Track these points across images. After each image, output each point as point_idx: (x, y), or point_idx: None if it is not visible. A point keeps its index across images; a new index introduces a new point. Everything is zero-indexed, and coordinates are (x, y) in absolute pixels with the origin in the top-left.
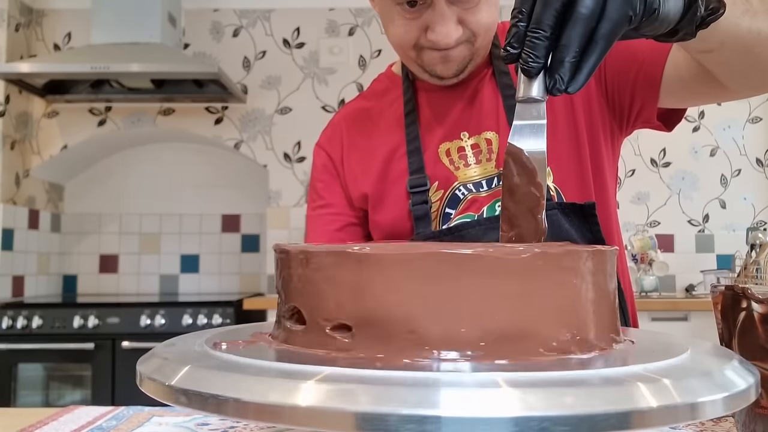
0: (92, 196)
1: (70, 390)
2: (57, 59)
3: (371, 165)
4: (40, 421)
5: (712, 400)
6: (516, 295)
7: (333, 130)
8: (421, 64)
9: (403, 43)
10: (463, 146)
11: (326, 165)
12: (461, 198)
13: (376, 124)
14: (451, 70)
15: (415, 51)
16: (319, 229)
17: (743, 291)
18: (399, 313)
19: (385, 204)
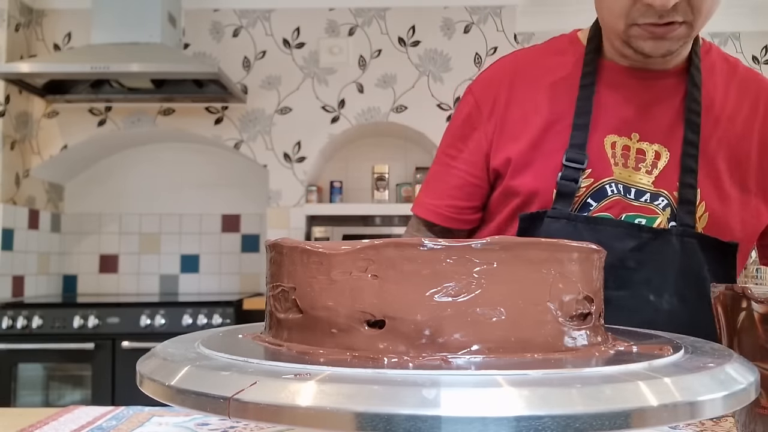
0: (92, 196)
1: (70, 390)
2: (57, 59)
3: (529, 126)
4: (40, 421)
5: (712, 399)
6: (515, 294)
7: (493, 76)
8: (628, 40)
9: (614, 10)
10: (629, 146)
11: (471, 114)
12: (608, 194)
13: (545, 83)
14: (662, 49)
15: (625, 21)
16: (441, 178)
17: (743, 291)
18: (399, 313)
19: (530, 172)
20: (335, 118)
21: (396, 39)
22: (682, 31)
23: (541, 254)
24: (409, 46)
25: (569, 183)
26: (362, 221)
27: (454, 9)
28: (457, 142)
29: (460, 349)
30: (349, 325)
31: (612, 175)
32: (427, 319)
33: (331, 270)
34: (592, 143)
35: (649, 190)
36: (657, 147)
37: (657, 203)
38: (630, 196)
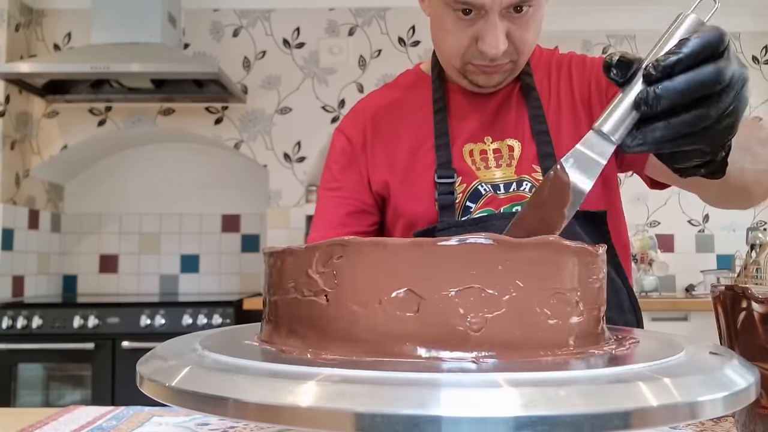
0: (92, 196)
1: (70, 390)
2: (57, 59)
3: (396, 154)
4: (40, 421)
5: (712, 399)
6: (512, 292)
7: (356, 115)
8: (464, 73)
9: (452, 50)
10: (485, 149)
11: (345, 149)
12: (482, 194)
13: (403, 115)
14: (492, 81)
15: (461, 61)
16: (329, 211)
17: (743, 291)
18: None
19: (409, 194)
20: (335, 118)
21: (396, 39)
22: (508, 67)
23: (540, 254)
24: (409, 46)
25: (447, 196)
26: None
27: None
28: (337, 176)
29: (460, 349)
30: (349, 325)
31: (477, 178)
32: (480, 320)
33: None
34: (454, 157)
35: (513, 179)
36: (509, 141)
37: (523, 188)
38: (500, 192)
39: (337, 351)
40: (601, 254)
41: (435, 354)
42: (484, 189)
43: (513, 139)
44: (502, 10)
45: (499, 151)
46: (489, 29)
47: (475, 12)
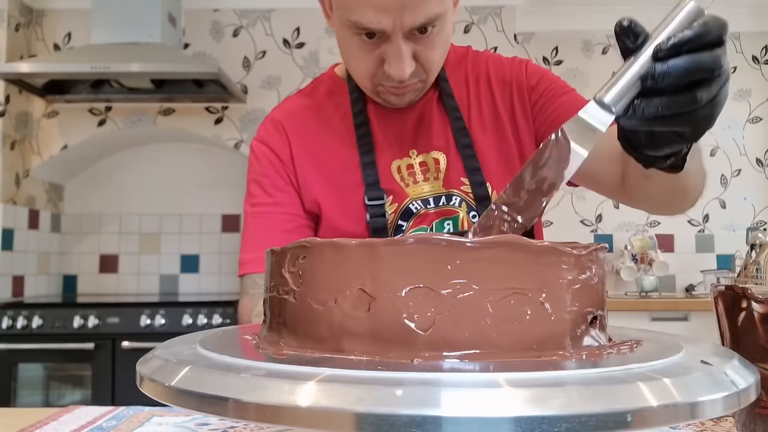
0: (92, 196)
1: (70, 390)
2: (57, 59)
3: (324, 172)
4: (40, 421)
5: (712, 399)
6: (513, 292)
7: (275, 127)
8: (376, 94)
9: (360, 73)
10: (412, 164)
11: (273, 162)
12: (414, 212)
13: (325, 127)
14: (404, 101)
15: (371, 83)
16: (266, 228)
17: (743, 291)
18: (398, 313)
19: (341, 213)
20: None
21: None
22: (418, 86)
23: (542, 255)
24: None
25: (378, 219)
26: None
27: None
28: (269, 190)
29: (461, 349)
30: (348, 326)
31: (408, 196)
32: (428, 319)
33: (329, 270)
34: (382, 174)
35: (441, 192)
36: (434, 154)
37: (452, 203)
38: (430, 206)
39: (299, 347)
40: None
41: (435, 354)
42: (415, 207)
43: (438, 152)
44: (406, 33)
45: (425, 164)
46: (393, 53)
47: (378, 36)
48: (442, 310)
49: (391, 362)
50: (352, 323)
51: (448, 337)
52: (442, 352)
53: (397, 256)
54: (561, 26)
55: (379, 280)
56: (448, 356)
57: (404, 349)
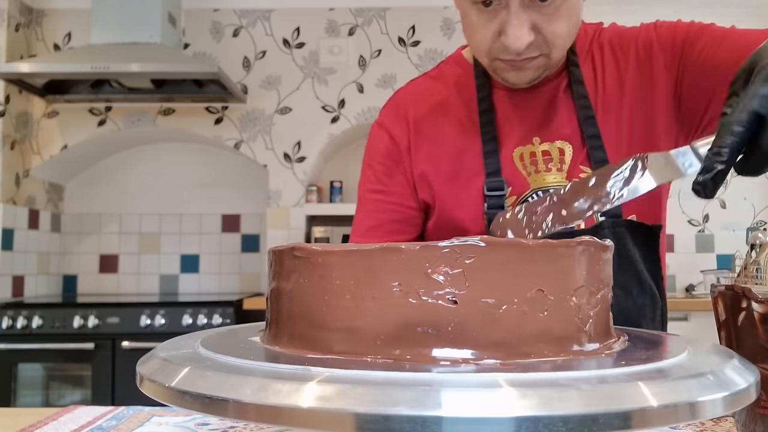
0: (92, 196)
1: (70, 390)
2: (57, 59)
3: (442, 159)
4: (40, 421)
5: (712, 399)
6: (513, 293)
7: (397, 110)
8: (493, 70)
9: (478, 46)
10: (534, 151)
11: (389, 149)
12: None
13: (447, 112)
14: (524, 79)
15: (488, 57)
16: (374, 216)
17: (743, 291)
18: (398, 314)
19: (457, 202)
20: (335, 118)
21: (396, 39)
22: (540, 61)
23: (544, 253)
24: (409, 46)
25: (496, 211)
26: None
27: (454, 9)
28: (382, 178)
29: (462, 349)
30: (349, 327)
31: (529, 187)
32: (429, 320)
33: (331, 272)
34: (504, 163)
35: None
36: (559, 144)
37: None
38: None
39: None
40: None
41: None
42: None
43: (564, 142)
44: (524, 0)
45: (549, 153)
46: (510, 20)
47: (495, 3)
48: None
49: (391, 362)
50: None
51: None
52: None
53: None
54: None
55: (374, 284)
56: (453, 358)
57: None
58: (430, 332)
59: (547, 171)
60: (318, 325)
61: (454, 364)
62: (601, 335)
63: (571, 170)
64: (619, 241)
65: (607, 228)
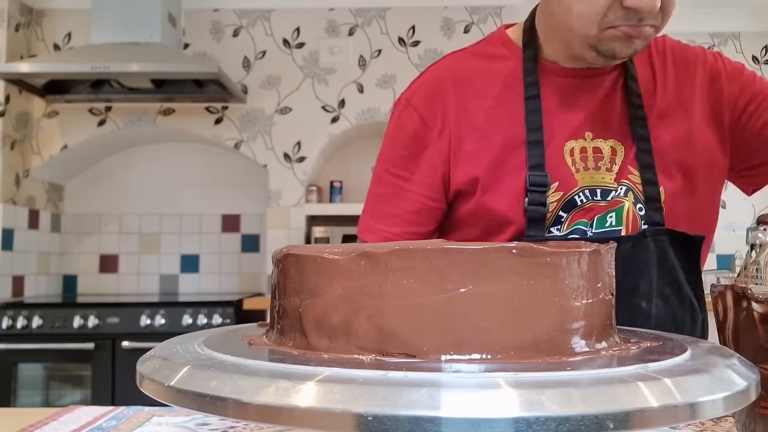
0: (92, 196)
1: (70, 390)
2: (57, 59)
3: (488, 147)
4: (40, 421)
5: (712, 400)
6: (513, 295)
7: (435, 88)
8: (598, 42)
9: (589, 15)
10: (585, 147)
11: (418, 133)
12: (578, 204)
13: (491, 95)
14: (630, 49)
15: (598, 27)
16: (397, 203)
17: (743, 291)
18: (398, 314)
19: (498, 191)
20: (335, 118)
21: (396, 39)
22: (650, 32)
23: (544, 257)
24: (409, 46)
25: (537, 207)
26: None
27: (454, 9)
28: (407, 163)
29: (462, 350)
30: (351, 328)
31: (577, 184)
32: (430, 321)
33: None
34: (551, 156)
35: (613, 187)
36: (611, 143)
37: (618, 194)
38: (597, 198)
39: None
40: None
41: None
42: (581, 200)
43: (616, 141)
44: None
45: (600, 151)
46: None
47: None
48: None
49: (391, 362)
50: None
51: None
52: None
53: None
54: None
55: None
56: (453, 359)
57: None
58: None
59: (596, 169)
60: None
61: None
62: (602, 336)
63: (621, 171)
64: (660, 250)
65: (649, 236)
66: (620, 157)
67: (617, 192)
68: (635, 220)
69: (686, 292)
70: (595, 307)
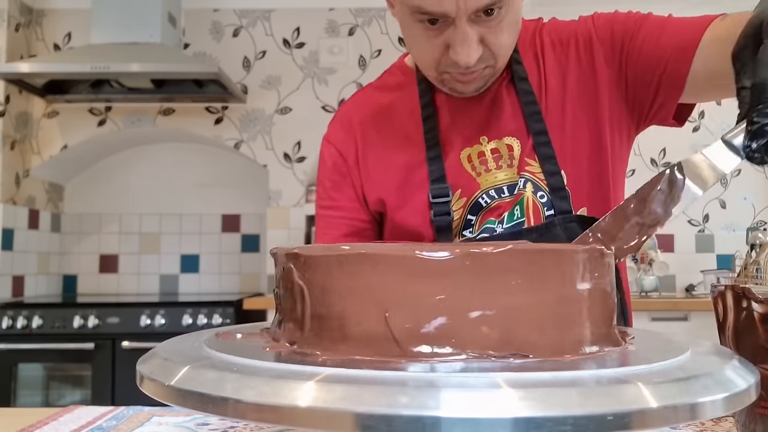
0: (92, 196)
1: (70, 390)
2: (57, 59)
3: (390, 170)
4: (40, 421)
5: (712, 400)
6: (513, 295)
7: (343, 125)
8: (441, 82)
9: (425, 61)
10: (483, 151)
11: (337, 164)
12: (484, 206)
13: (392, 122)
14: (471, 88)
15: (436, 71)
16: (327, 232)
17: (743, 291)
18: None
19: (406, 210)
20: None
21: (396, 39)
22: (487, 72)
23: (544, 257)
24: None
25: (443, 217)
26: None
27: None
28: (331, 193)
29: (462, 350)
30: (351, 328)
31: (479, 187)
32: (431, 321)
33: (335, 274)
34: (450, 167)
35: (515, 180)
36: (507, 140)
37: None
38: (504, 195)
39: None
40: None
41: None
42: (485, 201)
43: (511, 138)
44: (471, 16)
45: (498, 151)
46: (458, 38)
47: (441, 21)
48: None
49: (391, 363)
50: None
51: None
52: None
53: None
54: None
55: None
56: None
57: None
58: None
59: (498, 168)
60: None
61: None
62: (602, 336)
63: (520, 165)
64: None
65: (558, 225)
66: (517, 151)
67: (518, 185)
68: (536, 209)
69: None
70: (595, 306)
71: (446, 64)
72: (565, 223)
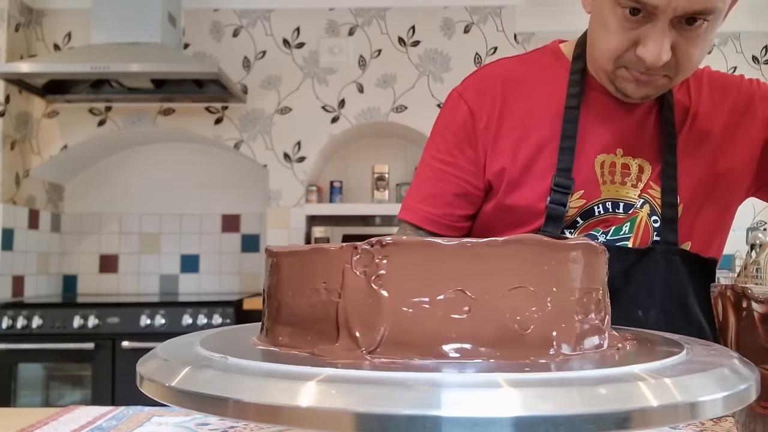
0: (92, 196)
1: (70, 390)
2: (57, 59)
3: (521, 144)
4: (40, 421)
5: (712, 399)
6: (513, 294)
7: (485, 86)
8: (614, 78)
9: (608, 51)
10: (615, 162)
11: (466, 123)
12: (596, 215)
13: (534, 99)
14: (641, 93)
15: (614, 64)
16: (437, 185)
17: (743, 291)
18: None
19: (523, 190)
20: (335, 118)
21: (396, 39)
22: (663, 81)
23: (543, 253)
24: (409, 46)
25: (558, 207)
26: (362, 221)
27: (454, 9)
28: (452, 149)
29: (461, 350)
30: (350, 327)
31: (600, 196)
32: (429, 320)
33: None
34: (581, 165)
35: (635, 201)
36: (639, 161)
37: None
38: (619, 210)
39: (389, 353)
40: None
41: (435, 354)
42: (599, 210)
43: (644, 160)
44: (674, 19)
45: (627, 167)
46: (654, 34)
47: (643, 13)
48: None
49: (391, 362)
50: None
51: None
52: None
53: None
54: (561, 26)
55: (480, 280)
56: (452, 358)
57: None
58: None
59: (623, 184)
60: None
61: (454, 365)
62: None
63: (644, 188)
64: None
65: (660, 254)
66: (647, 175)
67: (636, 205)
68: (647, 230)
69: (695, 315)
70: (595, 306)
71: (629, 58)
72: (668, 255)
